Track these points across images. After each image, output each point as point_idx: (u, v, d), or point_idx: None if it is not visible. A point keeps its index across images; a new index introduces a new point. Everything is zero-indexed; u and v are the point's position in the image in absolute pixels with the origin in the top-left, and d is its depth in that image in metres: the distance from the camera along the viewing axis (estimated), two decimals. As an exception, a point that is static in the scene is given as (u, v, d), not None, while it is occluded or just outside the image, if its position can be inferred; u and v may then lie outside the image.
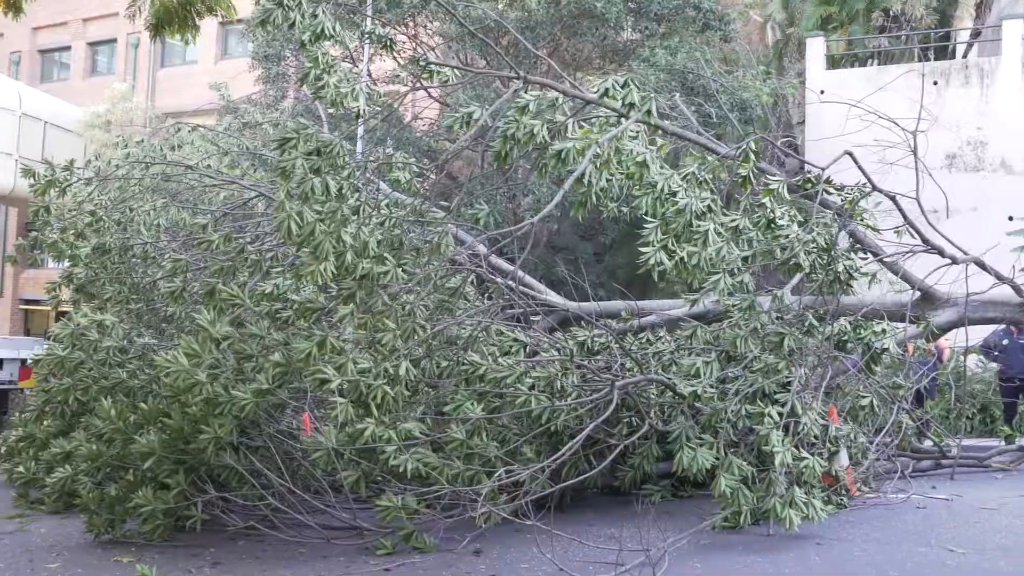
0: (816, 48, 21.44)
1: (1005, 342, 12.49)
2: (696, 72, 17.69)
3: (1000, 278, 9.43)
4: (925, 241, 9.01)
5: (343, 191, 6.78)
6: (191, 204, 10.05)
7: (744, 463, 6.70)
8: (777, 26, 25.16)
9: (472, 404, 6.91)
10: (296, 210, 6.45)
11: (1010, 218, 18.19)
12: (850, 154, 8.53)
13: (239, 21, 19.46)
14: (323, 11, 7.04)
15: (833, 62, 22.15)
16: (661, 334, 8.96)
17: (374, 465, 6.74)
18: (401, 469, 6.47)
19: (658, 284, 14.42)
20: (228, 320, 6.91)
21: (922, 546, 6.35)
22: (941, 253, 9.08)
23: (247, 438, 7.16)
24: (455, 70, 8.41)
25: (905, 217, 8.85)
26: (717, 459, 6.73)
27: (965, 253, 9.23)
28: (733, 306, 7.44)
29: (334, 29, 7.07)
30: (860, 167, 8.60)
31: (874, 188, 8.53)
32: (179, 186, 10.54)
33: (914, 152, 8.79)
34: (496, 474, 6.42)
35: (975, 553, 6.12)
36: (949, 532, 6.75)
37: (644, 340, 8.75)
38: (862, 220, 8.36)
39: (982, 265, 9.23)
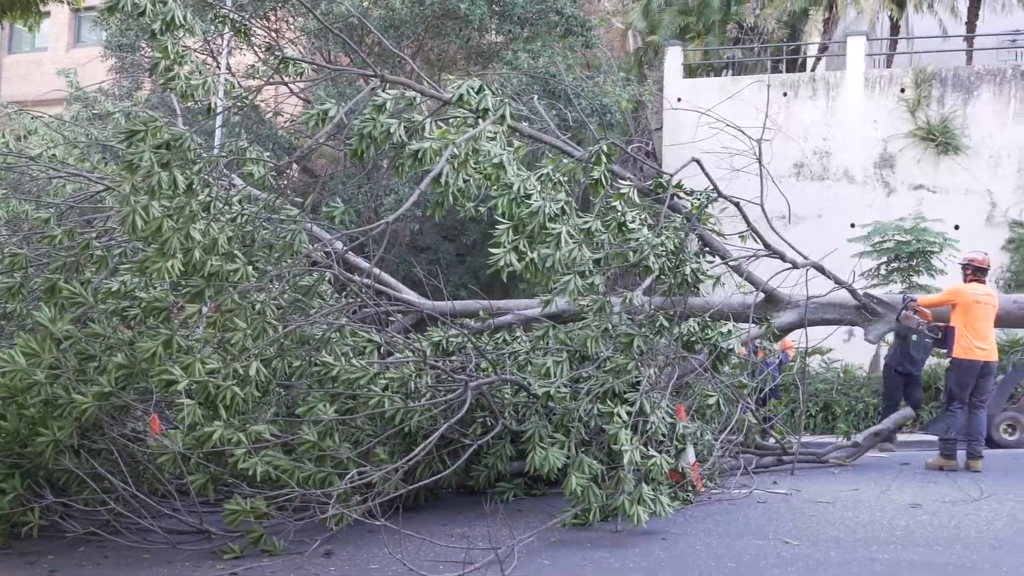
0: (674, 57, 22.07)
1: (914, 338, 12.52)
2: (557, 76, 17.97)
3: (838, 282, 9.89)
4: (767, 246, 9.38)
5: (193, 186, 6.62)
6: (35, 196, 9.63)
7: (594, 462, 6.84)
8: (638, 34, 25.79)
9: (324, 405, 6.85)
10: (142, 205, 6.27)
11: (852, 225, 19.11)
12: (697, 161, 8.81)
13: (89, 8, 18.78)
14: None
15: (690, 71, 22.84)
16: (518, 334, 9.05)
17: (223, 468, 6.62)
18: (251, 472, 6.37)
19: (518, 285, 14.57)
20: (70, 319, 6.66)
21: (761, 539, 6.61)
22: (782, 258, 9.47)
23: (89, 441, 6.92)
24: (313, 66, 8.34)
25: (748, 223, 9.19)
26: (568, 458, 6.85)
27: (806, 258, 9.64)
28: (585, 307, 7.59)
29: (185, 19, 6.90)
30: (706, 174, 8.89)
31: (719, 195, 8.83)
32: (22, 177, 10.10)
33: (759, 160, 9.14)
34: (348, 475, 6.39)
35: (809, 544, 6.41)
36: (787, 525, 7.04)
37: (500, 340, 8.83)
38: (709, 224, 8.65)
39: (820, 269, 9.66)
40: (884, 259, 17.48)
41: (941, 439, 9.79)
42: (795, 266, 9.51)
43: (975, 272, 9.70)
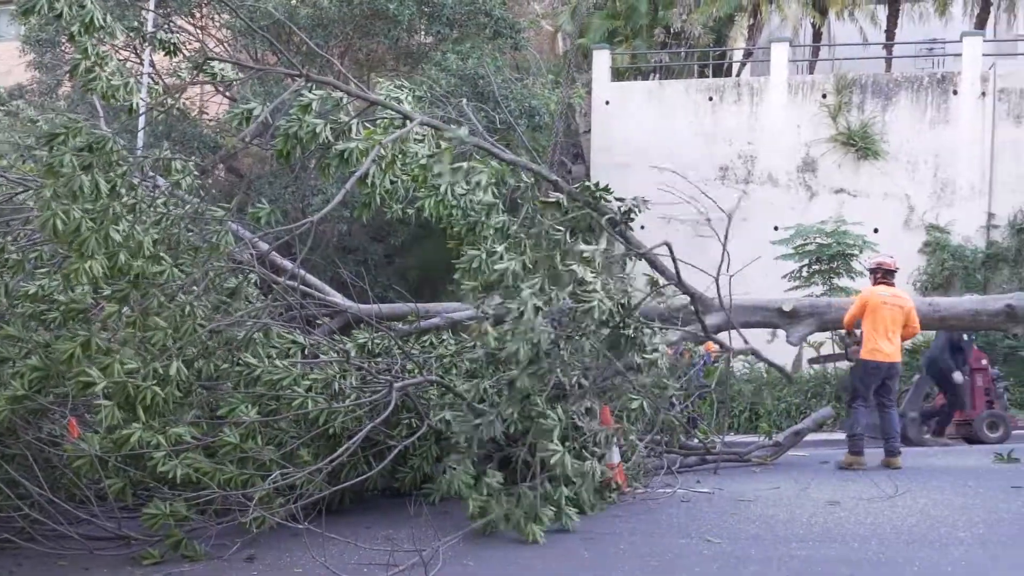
0: (602, 60, 22.24)
1: (964, 337, 13.36)
2: (486, 78, 18.02)
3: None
4: (702, 323, 9.54)
5: (116, 188, 6.53)
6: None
7: (497, 477, 6.87)
8: (567, 37, 25.97)
9: (247, 407, 6.78)
10: (63, 208, 6.16)
11: (775, 228, 19.45)
12: (667, 245, 8.79)
13: (6, 1, 18.31)
14: (92, 0, 6.74)
15: (618, 74, 23.04)
16: (444, 337, 9.05)
17: (142, 472, 6.51)
18: (171, 475, 6.28)
19: (447, 287, 14.55)
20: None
21: (683, 537, 6.70)
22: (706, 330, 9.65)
23: (2, 446, 6.75)
24: (237, 67, 8.27)
25: (697, 314, 9.32)
26: (474, 477, 6.89)
27: (724, 304, 9.82)
28: (510, 312, 7.61)
29: (105, 20, 6.78)
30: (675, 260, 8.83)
31: (679, 283, 8.89)
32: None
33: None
34: (271, 477, 6.33)
35: (730, 542, 6.51)
36: (708, 523, 7.14)
37: (427, 343, 8.83)
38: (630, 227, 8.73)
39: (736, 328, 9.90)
40: (806, 261, 17.84)
41: (848, 436, 10.00)
42: (719, 331, 9.76)
43: (884, 275, 9.93)
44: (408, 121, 7.68)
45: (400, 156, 7.62)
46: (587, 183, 8.84)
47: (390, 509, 7.85)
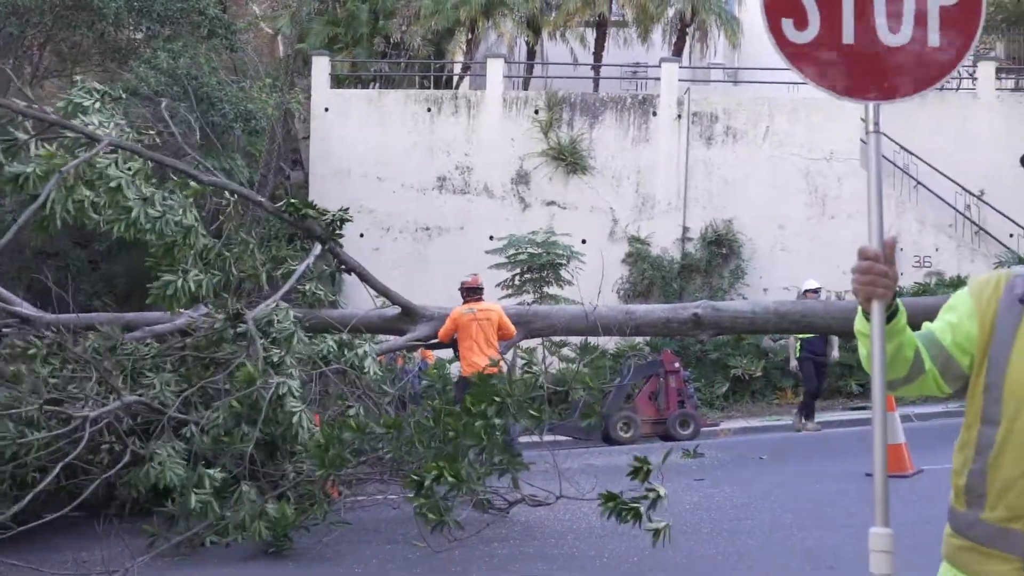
0: (321, 66, 22.06)
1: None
2: (199, 78, 17.43)
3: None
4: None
5: None
6: None
7: (216, 473, 6.73)
8: (287, 41, 25.55)
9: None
10: None
11: (491, 237, 20.04)
12: None
13: None
14: None
15: (338, 81, 22.94)
16: (148, 344, 8.66)
17: None
18: None
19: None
20: None
21: (389, 543, 6.83)
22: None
23: None
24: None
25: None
26: (186, 474, 6.71)
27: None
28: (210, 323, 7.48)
29: None
30: None
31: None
32: None
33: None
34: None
35: (435, 545, 6.67)
36: (415, 528, 7.21)
37: (128, 355, 8.41)
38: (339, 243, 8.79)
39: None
40: (518, 270, 18.50)
41: None
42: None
43: (468, 293, 10.38)
44: (96, 143, 7.31)
45: (89, 169, 7.24)
46: (291, 200, 8.79)
47: (82, 528, 7.42)
